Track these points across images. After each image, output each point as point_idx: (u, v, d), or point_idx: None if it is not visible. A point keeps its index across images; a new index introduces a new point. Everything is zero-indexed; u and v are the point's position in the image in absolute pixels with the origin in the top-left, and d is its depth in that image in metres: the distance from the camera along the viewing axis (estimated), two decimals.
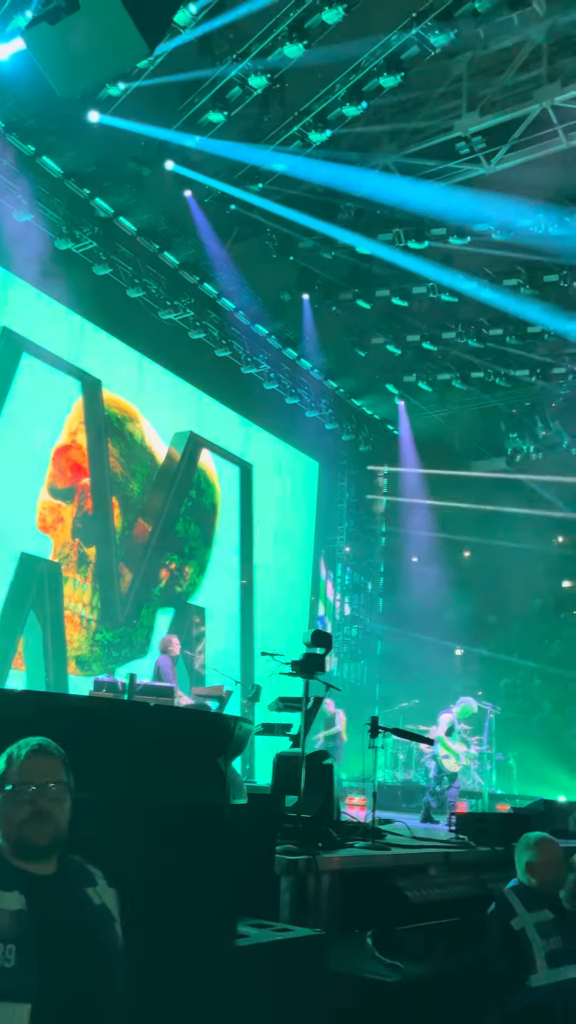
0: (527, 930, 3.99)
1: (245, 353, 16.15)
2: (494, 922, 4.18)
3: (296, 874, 4.65)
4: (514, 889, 4.22)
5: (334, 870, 4.93)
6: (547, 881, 4.17)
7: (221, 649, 15.10)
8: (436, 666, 19.22)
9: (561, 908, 4.24)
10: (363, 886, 5.01)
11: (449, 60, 13.73)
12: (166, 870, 3.14)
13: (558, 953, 3.98)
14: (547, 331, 16.23)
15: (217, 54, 11.31)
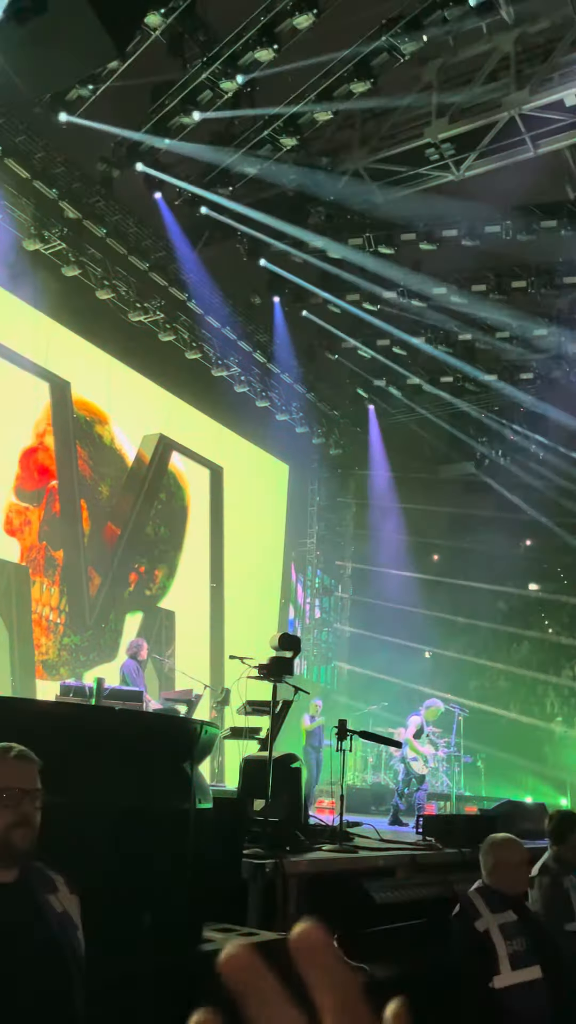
0: (491, 932, 4.00)
1: (215, 356, 16.13)
2: (458, 924, 4.19)
3: (263, 878, 4.65)
4: (479, 891, 4.23)
5: (301, 873, 4.93)
6: (511, 883, 4.19)
7: (191, 653, 15.04)
8: (405, 668, 19.31)
9: (525, 910, 4.27)
10: (330, 889, 5.02)
11: (419, 67, 13.87)
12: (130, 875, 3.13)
13: (521, 955, 4.00)
14: (515, 336, 16.41)
15: (187, 57, 11.29)
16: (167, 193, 13.55)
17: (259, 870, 4.67)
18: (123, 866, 3.11)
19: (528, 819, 8.78)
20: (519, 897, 4.22)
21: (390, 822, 10.08)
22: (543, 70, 13.34)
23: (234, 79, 11.25)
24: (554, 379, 17.31)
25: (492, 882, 4.15)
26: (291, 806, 5.94)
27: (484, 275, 15.15)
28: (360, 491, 21.66)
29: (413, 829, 7.98)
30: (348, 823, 6.72)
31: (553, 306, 15.95)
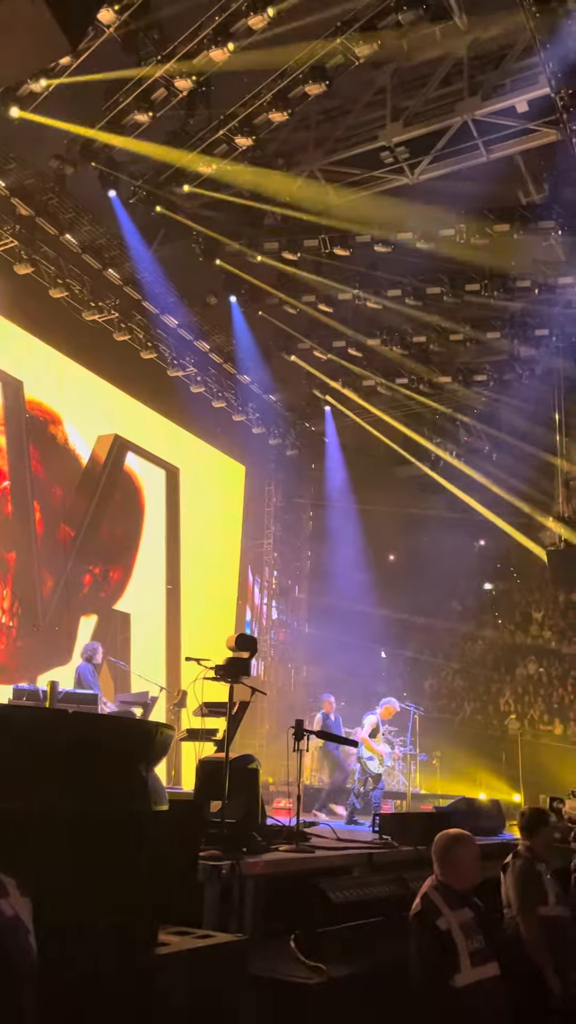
0: (452, 931, 4.02)
1: (171, 356, 16.04)
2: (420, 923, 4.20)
3: (219, 879, 4.63)
4: (435, 888, 4.26)
5: (258, 874, 4.92)
6: (464, 877, 4.23)
7: (146, 655, 14.93)
8: (362, 668, 19.42)
9: (478, 906, 4.31)
10: (287, 889, 5.02)
11: (373, 71, 13.96)
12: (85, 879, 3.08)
13: (480, 952, 4.04)
14: (469, 339, 16.61)
15: (142, 54, 11.22)
16: (122, 191, 13.43)
17: (215, 872, 4.65)
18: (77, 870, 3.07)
19: (482, 816, 8.90)
20: (471, 892, 4.27)
21: (347, 822, 10.12)
22: (495, 76, 13.54)
23: (188, 78, 11.19)
24: (507, 381, 17.56)
25: (445, 877, 4.19)
26: (248, 807, 5.93)
27: (438, 278, 15.29)
28: (317, 492, 21.73)
29: (369, 828, 8.02)
30: (305, 823, 6.73)
31: (506, 309, 16.18)
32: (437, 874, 4.23)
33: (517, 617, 22.99)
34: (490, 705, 20.09)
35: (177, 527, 16.57)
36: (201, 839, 4.94)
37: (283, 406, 19.58)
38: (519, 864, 4.84)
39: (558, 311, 16.20)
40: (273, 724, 17.50)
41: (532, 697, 19.96)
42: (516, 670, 21.10)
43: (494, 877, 5.10)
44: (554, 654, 21.09)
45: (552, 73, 11.86)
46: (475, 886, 4.29)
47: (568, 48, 11.59)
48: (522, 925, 4.55)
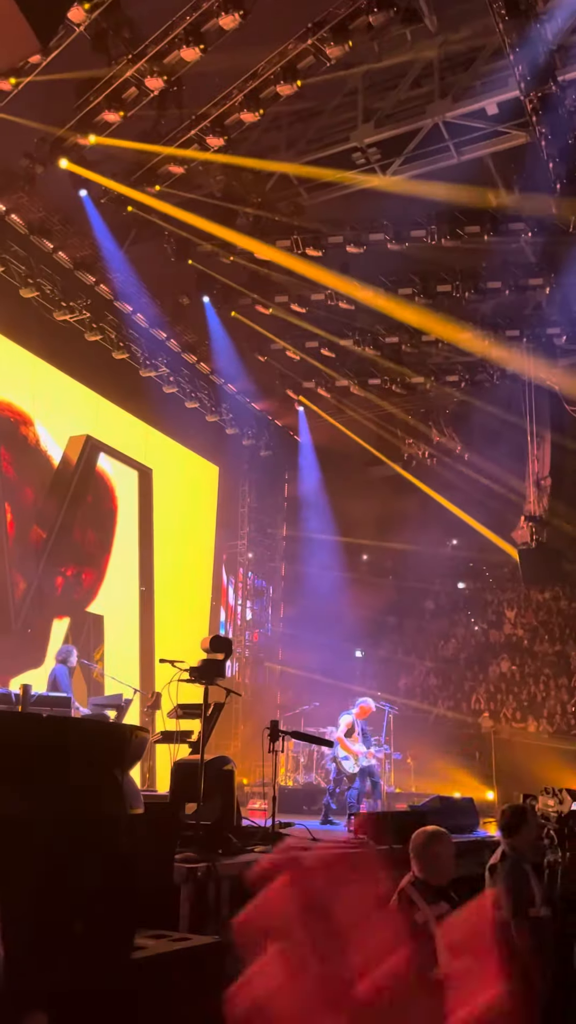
0: (429, 924, 4.08)
1: (144, 356, 15.97)
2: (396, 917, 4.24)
3: (195, 882, 4.62)
4: (412, 884, 4.31)
5: (234, 876, 4.91)
6: (440, 874, 4.29)
7: (120, 657, 14.85)
8: (337, 668, 19.46)
9: (454, 900, 4.35)
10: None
11: (345, 72, 14.00)
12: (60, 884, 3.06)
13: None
14: (441, 340, 16.71)
15: (112, 53, 11.15)
16: (93, 190, 13.36)
17: (191, 874, 4.64)
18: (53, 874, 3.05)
19: (456, 814, 8.96)
20: (447, 887, 4.32)
21: (322, 821, 10.13)
22: (465, 79, 13.64)
23: (160, 77, 11.15)
24: (479, 381, 17.70)
25: (422, 873, 4.25)
26: (223, 809, 5.92)
27: (410, 279, 15.37)
28: (291, 492, 21.77)
29: (344, 828, 8.05)
30: (280, 824, 6.73)
31: (478, 310, 16.31)
32: (414, 870, 4.28)
33: (490, 615, 23.17)
34: (463, 703, 20.21)
35: (150, 528, 16.49)
36: (176, 841, 4.92)
37: (257, 407, 19.57)
38: (507, 866, 4.79)
39: (528, 312, 16.37)
40: (248, 725, 17.48)
41: (505, 695, 20.12)
42: (489, 668, 21.25)
43: (470, 875, 5.12)
44: (527, 652, 21.28)
45: (521, 76, 11.97)
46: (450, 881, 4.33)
47: (537, 51, 11.71)
48: (515, 929, 4.53)
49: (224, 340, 17.00)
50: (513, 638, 21.88)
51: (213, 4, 10.44)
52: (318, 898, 2.71)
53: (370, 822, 7.47)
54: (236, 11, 10.31)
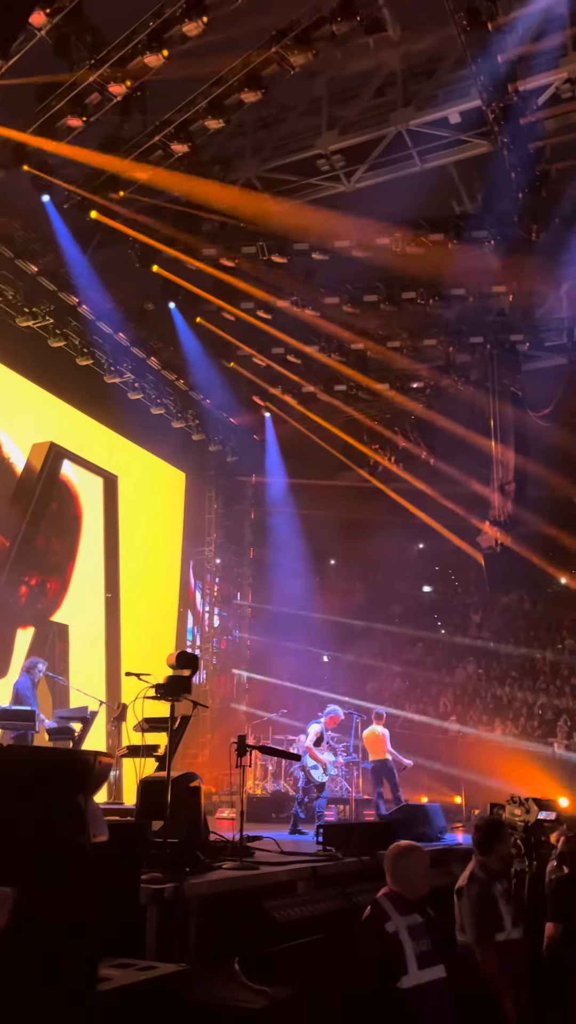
0: (399, 933, 4.09)
1: (108, 362, 15.82)
2: (368, 926, 4.25)
3: (162, 903, 4.55)
4: (387, 895, 4.32)
5: (202, 895, 4.86)
6: (416, 887, 4.28)
7: (85, 667, 14.68)
8: (305, 674, 19.45)
9: (428, 912, 4.35)
10: (231, 910, 4.97)
11: (309, 80, 14.02)
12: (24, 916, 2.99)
13: (427, 954, 4.10)
14: (406, 346, 16.79)
15: (74, 58, 11.05)
16: (55, 196, 13.21)
17: (158, 895, 4.57)
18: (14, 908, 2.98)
19: (424, 822, 8.98)
20: (423, 900, 4.31)
21: (290, 831, 10.10)
22: (428, 88, 13.74)
23: (123, 83, 11.07)
24: (443, 387, 17.80)
25: (398, 887, 4.24)
26: (191, 825, 5.86)
27: (375, 285, 15.42)
28: (258, 498, 21.73)
29: (313, 838, 8.01)
30: (249, 837, 6.68)
31: (442, 316, 16.41)
32: (389, 883, 4.28)
33: (456, 619, 23.32)
34: (431, 707, 20.31)
35: (116, 536, 16.34)
36: (143, 862, 4.85)
37: (223, 412, 19.50)
38: (474, 890, 4.67)
39: (492, 319, 16.51)
40: (216, 734, 17.40)
41: (471, 698, 20.26)
42: (456, 671, 21.38)
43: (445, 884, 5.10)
44: (492, 655, 21.45)
45: (483, 86, 12.09)
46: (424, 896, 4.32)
47: (498, 62, 11.83)
48: (479, 956, 4.48)
49: (190, 346, 16.92)
50: (479, 641, 22.05)
51: (176, 10, 10.40)
52: None
53: (338, 833, 7.46)
54: (199, 18, 10.28)
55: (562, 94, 12.90)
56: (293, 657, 19.57)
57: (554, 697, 19.24)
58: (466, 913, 4.62)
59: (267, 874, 5.66)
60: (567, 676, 19.77)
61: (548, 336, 16.65)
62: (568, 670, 19.97)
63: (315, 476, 20.73)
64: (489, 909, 4.60)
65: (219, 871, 5.55)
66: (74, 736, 9.79)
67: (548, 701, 19.20)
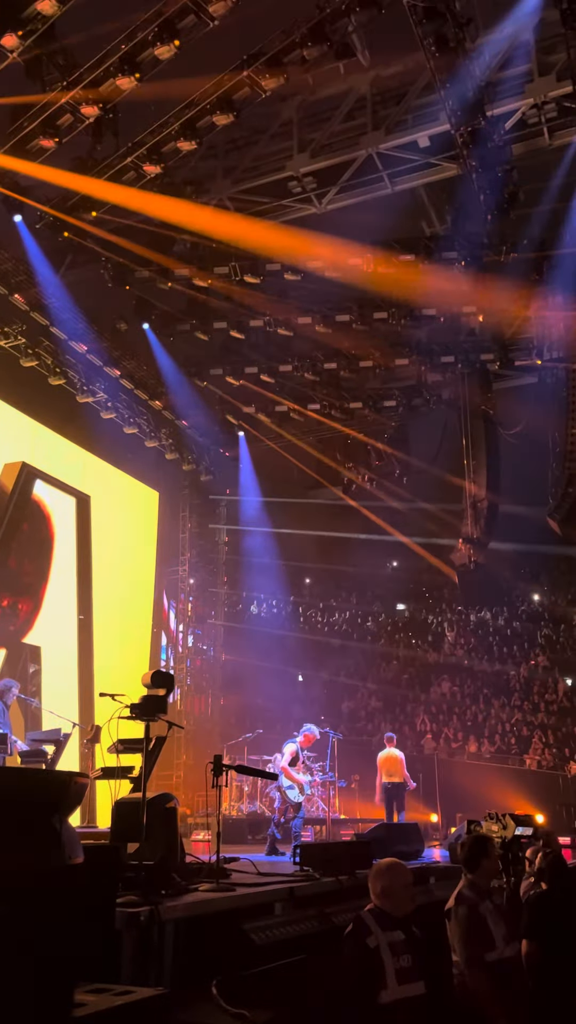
0: (381, 948, 4.10)
1: (81, 381, 15.76)
2: (350, 941, 4.24)
3: (138, 927, 4.48)
4: (371, 911, 4.32)
5: (179, 918, 4.79)
6: (399, 905, 4.28)
7: (59, 688, 14.50)
8: (280, 693, 19.39)
9: (411, 929, 4.33)
10: (208, 932, 4.91)
11: (280, 103, 14.21)
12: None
13: (407, 970, 4.10)
14: (378, 365, 16.93)
15: (46, 80, 11.09)
16: (28, 216, 13.20)
17: (134, 919, 4.50)
18: None
19: (402, 840, 8.94)
20: (407, 917, 4.31)
21: (267, 852, 10.01)
22: (398, 112, 13.98)
23: (95, 105, 11.12)
24: (415, 406, 17.96)
25: (382, 905, 4.26)
26: (167, 847, 5.78)
27: (347, 306, 15.56)
28: (232, 517, 21.70)
29: (290, 858, 7.95)
30: (225, 859, 6.61)
31: (413, 336, 16.58)
32: (373, 900, 4.29)
33: (430, 636, 23.40)
34: (406, 725, 20.31)
35: (89, 556, 16.21)
36: (118, 885, 4.78)
37: (196, 431, 19.49)
38: (462, 912, 4.60)
39: (463, 339, 16.71)
40: (191, 754, 17.26)
41: (447, 716, 20.29)
42: (431, 689, 21.42)
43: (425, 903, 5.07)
44: (467, 672, 21.53)
45: (452, 111, 12.30)
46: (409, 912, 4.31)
47: (467, 87, 12.06)
48: (469, 978, 4.43)
49: (163, 365, 16.93)
50: (453, 658, 22.13)
51: (148, 34, 10.49)
52: None
53: (315, 853, 7.40)
54: (171, 41, 10.37)
55: (529, 119, 13.20)
56: (268, 676, 19.49)
57: (528, 714, 19.34)
58: (455, 935, 4.59)
59: (244, 895, 5.59)
60: (541, 692, 19.89)
61: (518, 356, 16.88)
62: (542, 686, 20.09)
63: (289, 495, 20.79)
64: (478, 930, 4.55)
65: (195, 893, 5.48)
66: (47, 759, 9.66)
67: (523, 718, 19.28)
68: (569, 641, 21.59)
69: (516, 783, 16.65)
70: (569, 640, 21.62)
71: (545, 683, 20.16)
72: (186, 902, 5.10)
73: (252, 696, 19.14)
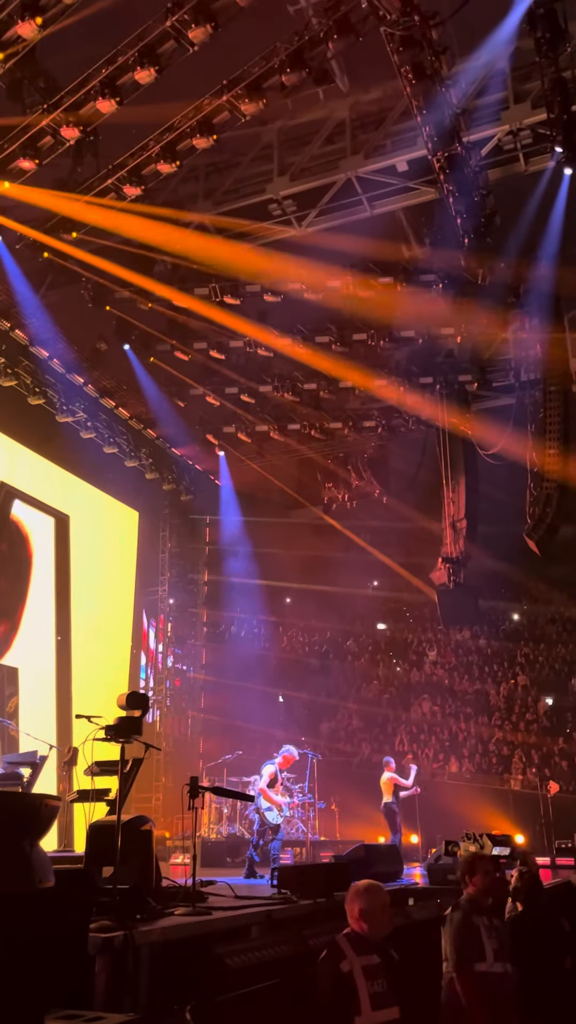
0: (355, 972, 4.06)
1: (60, 401, 15.74)
2: (324, 966, 4.21)
3: (111, 952, 4.42)
4: (346, 936, 4.28)
5: (153, 942, 4.74)
6: (376, 927, 4.25)
7: (36, 710, 14.35)
8: (260, 714, 19.29)
9: (387, 953, 4.31)
10: (183, 957, 4.85)
11: (260, 127, 14.38)
12: None
13: (382, 995, 4.07)
14: (357, 386, 17.05)
15: (27, 102, 11.17)
16: (7, 236, 13.24)
17: (107, 944, 4.44)
18: None
19: (381, 861, 8.88)
20: (383, 941, 4.27)
21: (246, 875, 9.91)
22: (376, 137, 14.18)
23: (76, 127, 11.20)
24: (395, 427, 18.08)
25: (358, 928, 4.21)
26: (142, 871, 5.72)
27: (327, 327, 15.69)
28: (212, 536, 21.66)
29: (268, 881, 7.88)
30: (201, 882, 6.55)
31: (392, 357, 16.73)
32: (350, 923, 4.24)
33: (411, 656, 23.39)
34: (386, 745, 20.23)
35: (67, 576, 16.12)
36: (92, 909, 4.72)
37: (177, 451, 19.50)
38: (456, 918, 4.69)
39: (441, 360, 16.88)
40: (170, 777, 17.10)
41: (427, 735, 20.25)
42: (411, 709, 21.39)
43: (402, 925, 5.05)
44: (447, 691, 21.52)
45: (429, 137, 12.49)
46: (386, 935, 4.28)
47: (443, 114, 12.27)
48: (458, 983, 4.47)
49: (143, 385, 16.95)
50: (434, 678, 22.12)
51: (129, 58, 10.59)
52: None
53: (293, 875, 7.34)
54: (151, 66, 10.48)
55: (505, 145, 13.43)
56: (248, 696, 19.40)
57: (508, 733, 19.35)
58: (447, 940, 4.63)
59: (220, 919, 5.54)
60: (521, 712, 19.91)
61: (496, 377, 17.07)
62: (522, 705, 20.12)
63: (270, 514, 20.81)
64: (469, 937, 4.61)
65: (171, 917, 5.42)
66: (23, 782, 9.53)
67: (503, 737, 19.29)
68: (548, 660, 21.66)
69: (497, 803, 16.62)
70: (548, 659, 21.69)
71: (525, 702, 20.19)
72: (161, 926, 5.04)
73: (232, 717, 19.03)
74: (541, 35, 11.03)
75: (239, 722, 18.60)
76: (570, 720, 19.23)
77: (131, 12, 10.80)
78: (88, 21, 10.34)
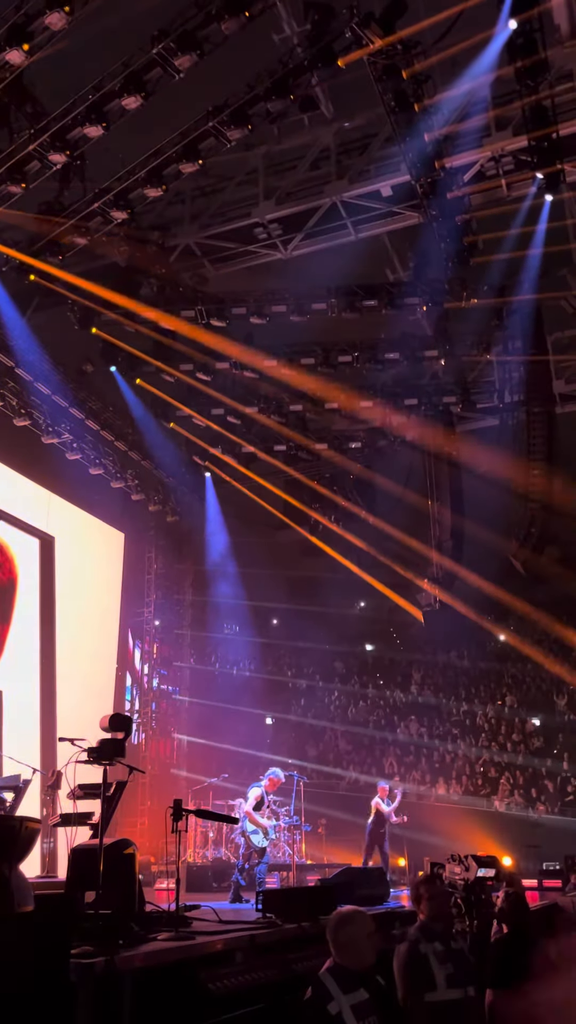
0: (344, 1014, 3.86)
1: (46, 423, 15.72)
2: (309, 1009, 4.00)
3: (93, 979, 4.36)
4: (329, 971, 4.05)
5: (136, 968, 4.68)
6: (359, 957, 4.03)
7: (20, 733, 14.20)
8: (246, 736, 19.17)
9: (376, 985, 4.16)
10: (165, 982, 4.80)
11: (246, 152, 14.56)
12: None
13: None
14: (343, 408, 17.14)
15: (15, 128, 11.26)
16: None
17: (88, 970, 4.39)
18: None
19: (367, 884, 8.84)
20: (369, 971, 4.09)
21: (231, 900, 9.82)
22: (360, 162, 14.38)
23: (62, 152, 11.29)
24: (380, 448, 18.16)
25: (341, 959, 3.97)
26: (125, 895, 5.67)
27: (312, 349, 15.79)
28: (198, 557, 21.60)
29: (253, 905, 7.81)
30: (185, 907, 6.49)
31: (377, 379, 16.84)
32: (332, 955, 4.03)
33: (398, 677, 23.35)
34: (374, 767, 20.14)
35: (52, 597, 16.02)
36: (73, 935, 4.66)
37: (163, 472, 19.48)
38: (401, 949, 4.53)
39: (426, 382, 17.01)
40: (155, 800, 16.93)
41: (415, 757, 20.17)
42: (398, 730, 21.32)
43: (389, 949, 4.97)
44: (435, 711, 21.48)
45: (412, 162, 12.70)
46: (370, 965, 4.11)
47: (426, 140, 12.48)
48: (408, 1015, 4.35)
49: (130, 406, 16.98)
50: (421, 699, 22.08)
51: (115, 85, 10.71)
52: None
53: (278, 899, 7.29)
54: (138, 93, 10.60)
55: (486, 171, 13.64)
56: (234, 718, 19.29)
57: (496, 754, 19.31)
58: (395, 973, 4.49)
59: (203, 944, 5.48)
60: (508, 732, 19.88)
61: (480, 398, 17.21)
62: (509, 726, 20.10)
63: (256, 536, 20.80)
64: (415, 968, 4.45)
65: (154, 942, 5.37)
66: (6, 806, 9.43)
67: (490, 758, 19.24)
68: (536, 680, 21.65)
69: (484, 825, 16.54)
70: (536, 679, 21.69)
71: (512, 723, 20.16)
72: (143, 952, 4.98)
73: (219, 739, 18.90)
74: (520, 64, 11.25)
75: (225, 744, 18.48)
76: (559, 740, 19.22)
77: (118, 40, 10.95)
78: (75, 47, 10.47)
